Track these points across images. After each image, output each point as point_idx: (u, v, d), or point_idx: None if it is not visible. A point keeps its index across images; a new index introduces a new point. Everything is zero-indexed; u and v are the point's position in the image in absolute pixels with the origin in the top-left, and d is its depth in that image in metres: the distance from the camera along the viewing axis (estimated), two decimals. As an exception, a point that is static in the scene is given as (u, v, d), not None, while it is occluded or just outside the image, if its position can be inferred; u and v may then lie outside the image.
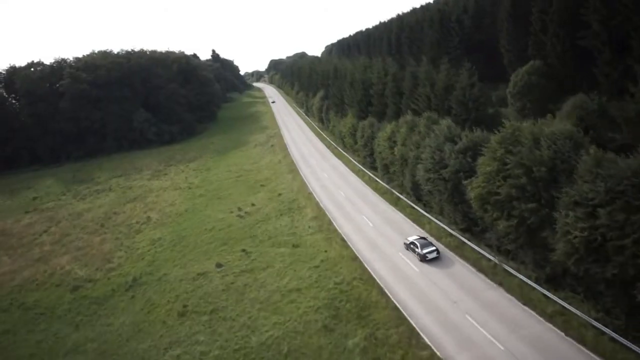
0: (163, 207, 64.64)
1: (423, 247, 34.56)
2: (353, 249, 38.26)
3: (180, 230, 53.25)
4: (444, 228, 37.48)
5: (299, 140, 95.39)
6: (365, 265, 34.96)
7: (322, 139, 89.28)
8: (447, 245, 35.13)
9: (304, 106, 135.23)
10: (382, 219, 43.47)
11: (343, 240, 40.59)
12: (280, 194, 59.29)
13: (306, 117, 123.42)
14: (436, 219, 39.76)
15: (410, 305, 28.78)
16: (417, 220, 41.21)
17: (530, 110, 60.14)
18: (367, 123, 62.53)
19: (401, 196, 46.94)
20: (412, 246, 35.39)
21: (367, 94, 67.40)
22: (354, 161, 65.57)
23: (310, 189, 58.22)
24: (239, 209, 56.38)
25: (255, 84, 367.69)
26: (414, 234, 38.14)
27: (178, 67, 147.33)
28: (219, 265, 41.07)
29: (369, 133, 60.25)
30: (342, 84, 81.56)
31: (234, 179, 73.53)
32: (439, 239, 36.49)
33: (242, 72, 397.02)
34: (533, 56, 64.06)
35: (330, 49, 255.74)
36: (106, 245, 52.14)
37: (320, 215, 48.00)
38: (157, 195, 72.20)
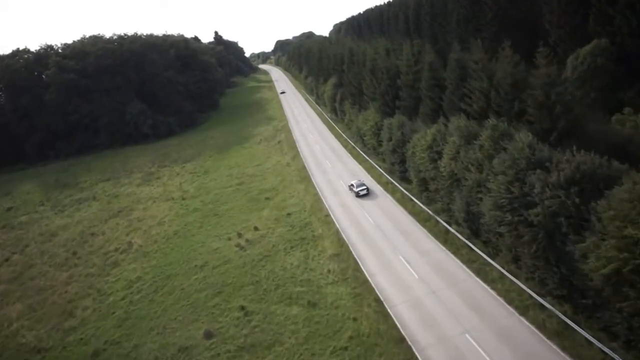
0: (149, 226, 53.74)
1: (358, 186, 48.79)
2: (396, 321, 26.93)
3: (166, 266, 42.32)
4: (527, 293, 25.90)
5: (309, 135, 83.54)
6: (419, 357, 23.71)
7: (337, 135, 77.36)
8: (540, 327, 23.61)
9: (313, 93, 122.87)
10: (429, 265, 31.95)
11: (378, 301, 29.29)
12: (289, 214, 47.94)
13: (317, 105, 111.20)
14: (507, 270, 28.29)
15: None
16: (480, 271, 29.66)
17: (594, 100, 48.23)
18: (395, 122, 50.56)
19: (450, 228, 35.33)
20: (351, 187, 49.61)
21: (393, 84, 55.21)
22: (379, 168, 53.81)
23: (328, 208, 46.77)
24: (239, 235, 45.25)
25: (261, 66, 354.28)
26: (486, 300, 26.78)
27: (176, 52, 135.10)
28: (208, 334, 30.08)
29: (398, 136, 48.35)
30: (359, 71, 69.16)
31: (234, 187, 62.24)
32: (523, 313, 24.98)
33: (247, 54, 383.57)
34: (595, 33, 51.65)
35: (339, 28, 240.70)
36: (72, 287, 41.45)
37: (343, 253, 36.64)
38: (144, 208, 61.30)
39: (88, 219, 61.12)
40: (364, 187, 48.42)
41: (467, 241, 32.89)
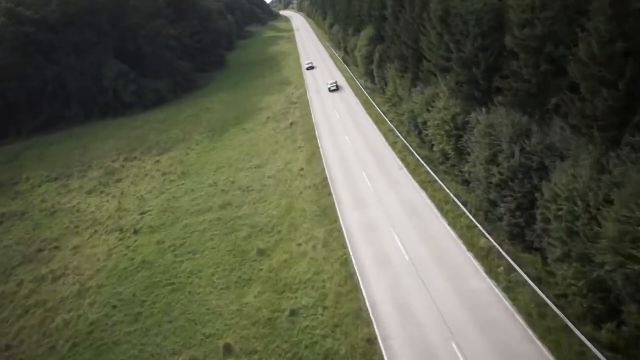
0: (59, 302, 31.48)
1: (330, 85, 69.41)
2: None
3: None
4: None
5: (335, 114, 58.20)
6: None
7: (377, 119, 51.63)
8: None
9: (340, 47, 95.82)
10: None
11: None
12: (294, 312, 24.36)
13: (345, 66, 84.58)
14: None
15: None
16: None
17: None
18: (504, 122, 25.61)
19: None
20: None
21: (490, 45, 29.60)
22: (463, 208, 28.98)
23: (370, 313, 22.91)
24: (193, 368, 22.47)
25: (283, 12, 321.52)
26: None
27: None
28: None
29: (517, 158, 23.53)
30: (416, 20, 42.55)
31: (214, 215, 38.79)
32: None
33: (268, 0, 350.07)
34: None
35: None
36: None
37: None
38: (75, 247, 38.98)
39: (-8, 263, 39.46)
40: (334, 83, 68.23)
41: None
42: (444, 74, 35.60)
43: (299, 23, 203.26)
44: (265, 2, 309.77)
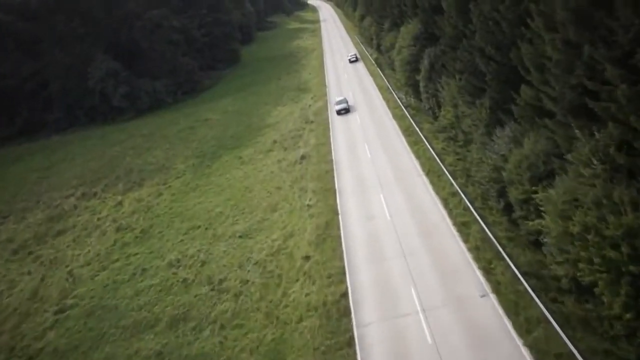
0: None
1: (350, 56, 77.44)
2: None
3: None
4: None
5: (364, 152, 41.03)
6: None
7: (427, 163, 34.04)
8: None
9: (373, 44, 78.44)
10: None
11: None
12: None
13: (378, 69, 67.17)
14: None
15: None
16: None
17: None
18: None
19: None
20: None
21: None
22: None
23: None
24: None
25: (311, 1, 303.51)
26: None
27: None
28: None
29: None
30: (504, 15, 25.10)
31: (156, 341, 22.91)
32: None
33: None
34: None
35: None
36: None
37: None
38: None
39: None
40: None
41: None
42: (580, 120, 18.42)
43: (327, 14, 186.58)
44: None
